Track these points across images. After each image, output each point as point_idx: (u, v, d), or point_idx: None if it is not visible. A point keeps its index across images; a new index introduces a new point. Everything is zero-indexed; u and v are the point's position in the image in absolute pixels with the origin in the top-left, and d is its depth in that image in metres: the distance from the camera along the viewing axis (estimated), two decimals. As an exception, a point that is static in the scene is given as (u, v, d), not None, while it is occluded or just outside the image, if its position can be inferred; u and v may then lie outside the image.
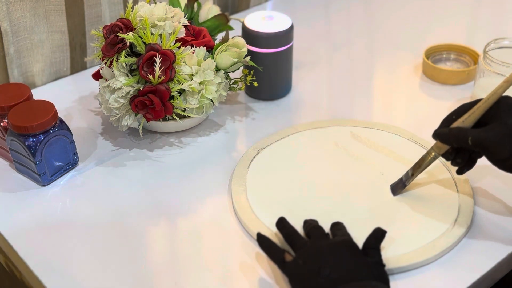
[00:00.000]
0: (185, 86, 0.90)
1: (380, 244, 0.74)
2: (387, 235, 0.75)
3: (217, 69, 0.95)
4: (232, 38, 0.97)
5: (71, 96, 1.07)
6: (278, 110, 1.05)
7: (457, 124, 0.78)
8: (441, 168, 0.90)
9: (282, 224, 0.78)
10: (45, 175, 0.88)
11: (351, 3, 1.39)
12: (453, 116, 0.79)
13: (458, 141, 0.76)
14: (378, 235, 0.74)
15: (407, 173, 0.84)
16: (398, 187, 0.85)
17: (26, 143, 0.84)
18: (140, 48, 0.91)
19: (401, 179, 0.85)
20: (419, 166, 0.83)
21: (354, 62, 1.20)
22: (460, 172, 0.82)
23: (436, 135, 0.80)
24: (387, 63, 1.19)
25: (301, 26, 1.24)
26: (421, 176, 0.87)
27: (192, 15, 1.05)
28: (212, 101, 0.95)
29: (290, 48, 1.03)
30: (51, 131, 0.86)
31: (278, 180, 0.89)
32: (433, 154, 0.82)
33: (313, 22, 1.32)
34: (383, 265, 0.72)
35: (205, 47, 0.95)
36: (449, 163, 0.90)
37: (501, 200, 0.86)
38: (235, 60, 0.95)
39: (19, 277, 0.83)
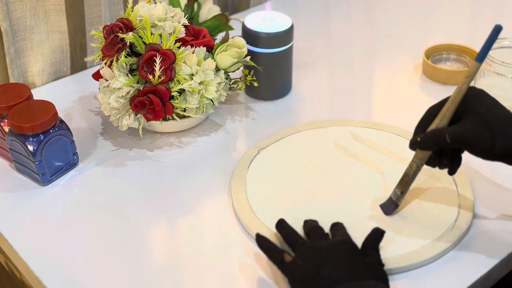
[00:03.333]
0: (185, 86, 0.90)
1: (379, 244, 0.74)
2: (387, 235, 0.75)
3: (217, 69, 0.95)
4: (232, 38, 0.97)
5: (71, 96, 1.07)
6: (278, 110, 1.05)
7: (431, 128, 0.76)
8: (441, 168, 0.90)
9: (281, 225, 0.78)
10: (45, 175, 0.88)
11: (351, 3, 1.39)
12: (423, 122, 0.77)
13: (437, 142, 0.74)
14: (377, 234, 0.74)
15: (395, 192, 0.81)
16: (391, 208, 0.82)
17: (26, 143, 0.84)
18: (140, 48, 0.91)
19: (390, 199, 0.82)
20: (406, 182, 0.80)
21: (354, 62, 1.20)
22: (452, 172, 0.79)
23: (414, 143, 0.77)
24: (387, 63, 1.19)
25: (301, 26, 1.24)
26: (421, 176, 0.87)
27: (192, 15, 1.05)
28: (212, 101, 0.95)
29: (290, 48, 1.03)
30: (51, 131, 0.86)
31: (278, 180, 0.89)
32: (415, 166, 0.79)
33: (313, 22, 1.32)
34: (382, 265, 0.72)
35: (205, 47, 0.95)
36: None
37: (501, 200, 0.86)
38: (235, 60, 0.95)
39: (19, 277, 0.83)
